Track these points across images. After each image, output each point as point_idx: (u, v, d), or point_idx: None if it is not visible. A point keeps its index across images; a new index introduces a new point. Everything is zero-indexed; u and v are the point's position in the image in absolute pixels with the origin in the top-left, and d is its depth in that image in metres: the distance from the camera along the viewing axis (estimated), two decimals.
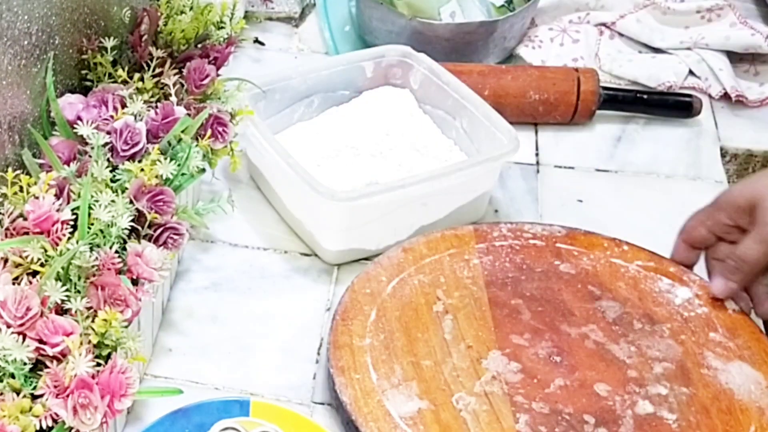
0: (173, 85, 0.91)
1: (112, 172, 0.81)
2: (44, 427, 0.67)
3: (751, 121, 1.20)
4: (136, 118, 0.86)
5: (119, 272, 0.75)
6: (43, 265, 0.73)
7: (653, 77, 1.21)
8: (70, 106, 0.86)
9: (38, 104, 0.84)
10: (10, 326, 0.68)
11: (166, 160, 0.82)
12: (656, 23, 1.27)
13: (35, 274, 0.73)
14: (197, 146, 0.88)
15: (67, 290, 0.71)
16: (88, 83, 0.92)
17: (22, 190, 0.77)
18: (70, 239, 0.74)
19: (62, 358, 0.68)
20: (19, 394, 0.68)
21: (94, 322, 0.70)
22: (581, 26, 1.28)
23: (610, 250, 0.94)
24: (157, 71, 0.92)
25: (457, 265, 0.92)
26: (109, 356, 0.71)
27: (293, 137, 1.04)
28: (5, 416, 0.65)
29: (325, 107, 1.08)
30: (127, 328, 0.72)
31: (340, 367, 0.82)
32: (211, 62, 0.96)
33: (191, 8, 1.01)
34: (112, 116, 0.85)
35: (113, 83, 0.91)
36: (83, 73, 0.92)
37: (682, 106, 1.16)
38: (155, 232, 0.80)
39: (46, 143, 0.82)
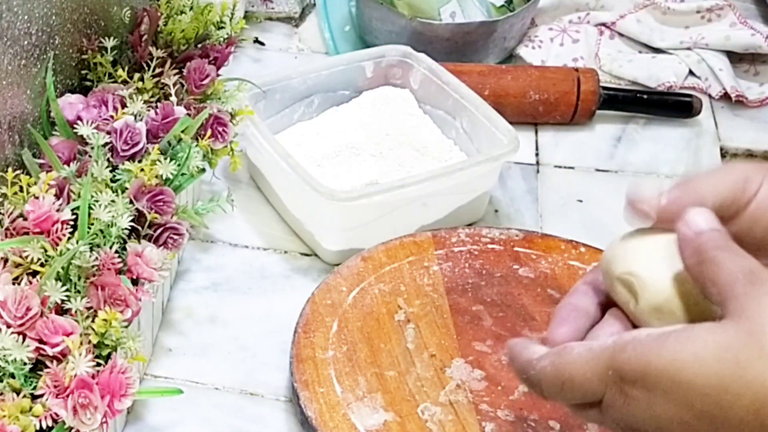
0: (173, 85, 0.91)
1: (112, 172, 0.81)
2: (44, 427, 0.67)
3: (751, 121, 1.20)
4: (136, 118, 0.86)
5: (119, 272, 0.75)
6: (43, 265, 0.73)
7: (653, 77, 1.21)
8: (70, 106, 0.86)
9: (38, 104, 0.84)
10: (10, 326, 0.68)
11: (166, 160, 0.82)
12: (656, 23, 1.27)
13: (35, 274, 0.73)
14: (197, 146, 0.88)
15: (67, 290, 0.71)
16: (88, 83, 0.92)
17: (22, 190, 0.77)
18: (70, 239, 0.74)
19: (62, 358, 0.68)
20: (19, 394, 0.68)
21: (94, 322, 0.70)
22: (581, 26, 1.28)
23: (567, 252, 0.93)
24: (157, 71, 0.92)
25: (417, 272, 0.91)
26: (109, 356, 0.70)
27: (293, 137, 1.04)
28: (5, 416, 0.65)
29: (325, 107, 1.08)
30: (127, 328, 0.72)
31: (303, 381, 0.81)
32: (211, 62, 0.96)
33: (191, 8, 1.01)
34: (112, 116, 0.85)
35: (113, 83, 0.91)
36: (83, 73, 0.92)
37: (682, 106, 1.16)
38: (155, 232, 0.80)
39: (46, 143, 0.82)
